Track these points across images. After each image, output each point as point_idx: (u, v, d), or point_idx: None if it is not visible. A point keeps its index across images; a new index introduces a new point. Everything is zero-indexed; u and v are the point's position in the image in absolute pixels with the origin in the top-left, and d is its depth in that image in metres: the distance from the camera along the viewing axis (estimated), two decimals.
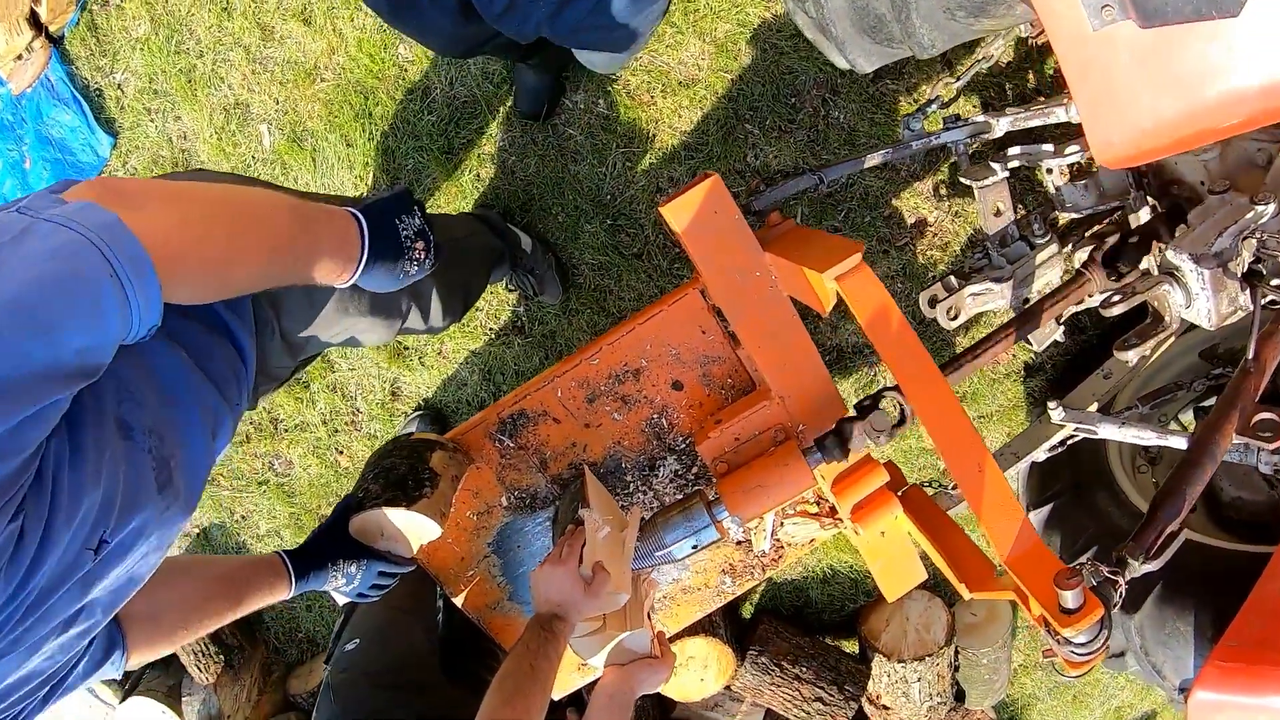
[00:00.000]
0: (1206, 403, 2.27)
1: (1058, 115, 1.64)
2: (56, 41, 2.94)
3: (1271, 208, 1.40)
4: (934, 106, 1.85)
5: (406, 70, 2.67)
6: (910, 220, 2.54)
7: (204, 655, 3.41)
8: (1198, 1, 0.91)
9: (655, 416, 1.73)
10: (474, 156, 2.68)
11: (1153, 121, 1.03)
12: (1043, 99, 2.11)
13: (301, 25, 2.71)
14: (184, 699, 3.62)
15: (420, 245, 1.43)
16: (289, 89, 2.78)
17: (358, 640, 2.02)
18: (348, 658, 1.97)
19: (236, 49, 2.79)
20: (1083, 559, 2.18)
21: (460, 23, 1.79)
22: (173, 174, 1.84)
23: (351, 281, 1.36)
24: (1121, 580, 1.17)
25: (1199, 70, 0.99)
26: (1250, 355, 1.37)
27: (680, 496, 1.76)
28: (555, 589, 1.52)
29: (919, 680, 2.81)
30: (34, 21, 2.85)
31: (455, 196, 2.71)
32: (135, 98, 2.92)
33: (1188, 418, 2.45)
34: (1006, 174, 1.90)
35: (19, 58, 2.89)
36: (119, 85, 2.93)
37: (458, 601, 1.90)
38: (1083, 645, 1.18)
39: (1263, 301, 1.44)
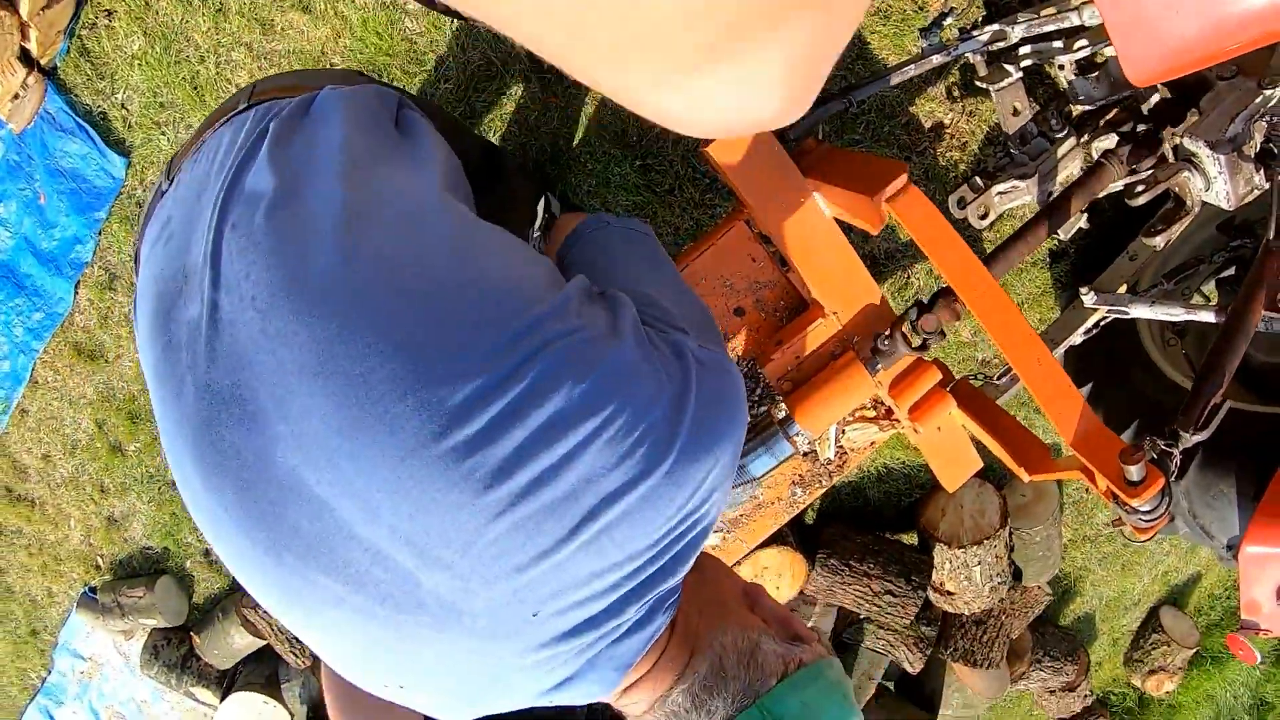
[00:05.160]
0: (1226, 273, 2.36)
1: (1071, 20, 1.70)
2: (50, 73, 2.89)
3: (1279, 91, 1.48)
4: (949, 19, 1.91)
5: (415, 43, 2.71)
6: (928, 125, 2.61)
7: (297, 640, 3.42)
8: None
9: None
10: (497, 118, 2.74)
11: (1180, 42, 1.11)
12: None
13: (302, 14, 2.71)
14: (283, 686, 3.73)
15: None
16: None
17: None
18: None
19: (238, 48, 2.78)
20: (1126, 435, 2.31)
21: None
22: None
23: None
24: (1176, 451, 1.29)
25: None
26: (1271, 235, 1.46)
27: (750, 419, 1.88)
28: None
29: (979, 564, 2.95)
30: (25, 58, 2.79)
31: None
32: (142, 113, 2.91)
33: (1209, 288, 2.54)
34: (1020, 74, 1.97)
35: (15, 97, 2.84)
36: (122, 104, 2.92)
37: None
38: (1148, 513, 1.30)
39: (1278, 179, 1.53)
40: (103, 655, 4.07)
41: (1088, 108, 1.95)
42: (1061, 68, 1.95)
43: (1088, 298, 2.00)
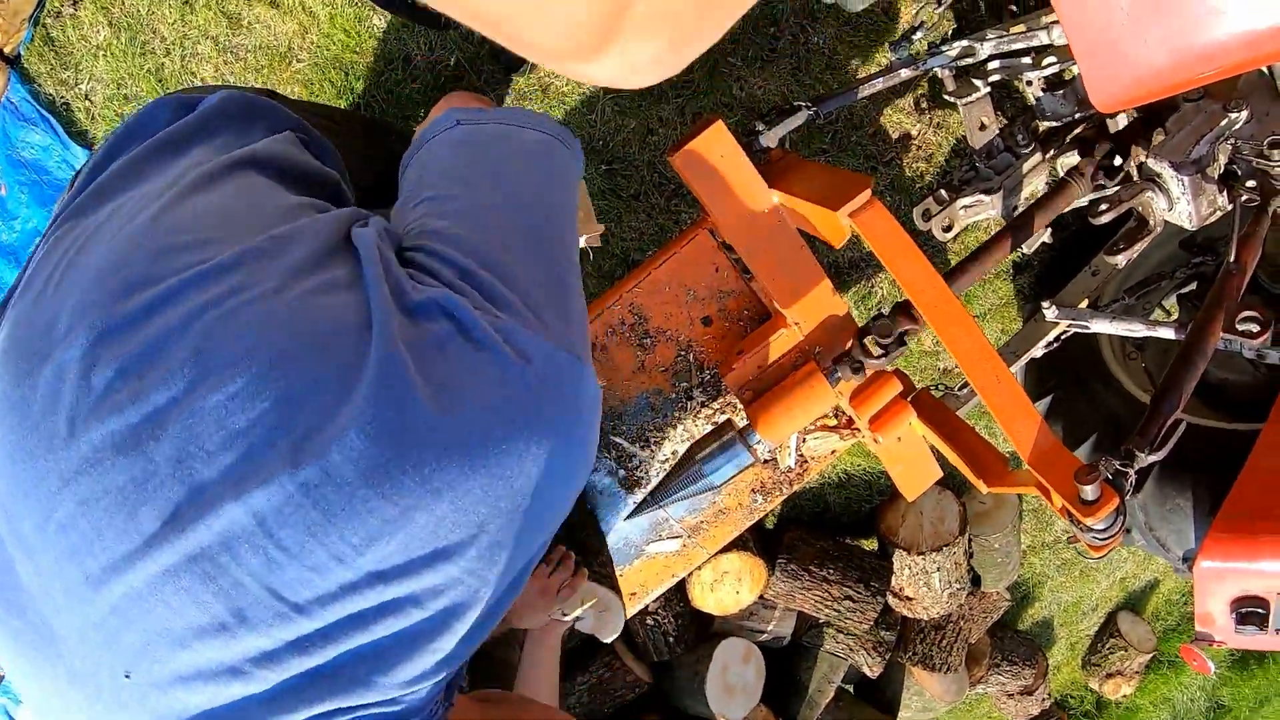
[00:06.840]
0: (1188, 289, 2.39)
1: (1040, 38, 1.71)
2: (12, 62, 2.80)
3: (1244, 114, 1.50)
4: (919, 34, 1.92)
5: (384, 41, 2.68)
6: (894, 136, 2.63)
7: None
8: None
9: (680, 354, 1.83)
10: None
11: (1146, 71, 1.12)
12: (1014, 7, 2.18)
13: (269, 9, 2.67)
14: None
15: None
16: (265, 75, 2.76)
17: None
18: None
19: (204, 41, 2.73)
20: (1084, 448, 2.34)
21: None
22: None
23: None
24: (1132, 471, 1.30)
25: (1188, 24, 1.07)
26: (1231, 258, 1.48)
27: (710, 428, 1.87)
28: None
29: (938, 570, 2.97)
30: None
31: None
32: (105, 105, 2.84)
33: (1170, 303, 2.58)
34: (988, 89, 1.98)
35: None
36: (86, 95, 2.85)
37: None
38: (1103, 531, 1.31)
39: (1240, 200, 1.55)
40: None
41: (1054, 124, 1.97)
42: (1029, 84, 1.97)
43: (1049, 312, 2.02)
